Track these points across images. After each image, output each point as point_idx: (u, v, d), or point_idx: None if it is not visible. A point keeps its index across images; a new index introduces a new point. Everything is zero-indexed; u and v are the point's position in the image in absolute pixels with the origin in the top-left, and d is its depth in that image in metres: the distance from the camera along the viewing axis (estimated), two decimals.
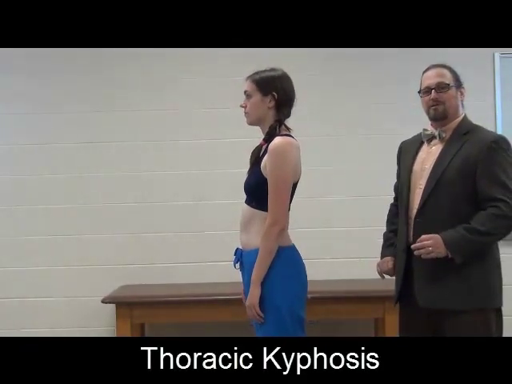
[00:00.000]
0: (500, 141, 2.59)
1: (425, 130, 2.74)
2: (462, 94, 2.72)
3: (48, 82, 4.32)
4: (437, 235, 2.51)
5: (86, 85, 4.32)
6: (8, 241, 4.28)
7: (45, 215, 4.28)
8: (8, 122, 4.32)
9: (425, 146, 2.74)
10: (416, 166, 2.71)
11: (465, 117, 2.72)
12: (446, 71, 2.70)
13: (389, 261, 2.81)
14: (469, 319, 2.52)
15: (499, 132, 4.20)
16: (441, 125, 2.69)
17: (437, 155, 2.64)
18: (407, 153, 2.80)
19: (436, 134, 2.68)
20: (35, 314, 4.22)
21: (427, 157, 2.69)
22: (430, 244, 2.50)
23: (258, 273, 2.50)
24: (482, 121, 2.74)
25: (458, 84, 2.71)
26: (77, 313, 4.22)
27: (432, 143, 2.71)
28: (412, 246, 2.55)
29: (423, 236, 2.52)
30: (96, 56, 4.24)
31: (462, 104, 2.74)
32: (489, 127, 2.73)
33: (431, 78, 2.69)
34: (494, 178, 2.52)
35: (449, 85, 2.67)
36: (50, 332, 4.09)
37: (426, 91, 2.70)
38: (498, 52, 4.25)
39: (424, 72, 2.75)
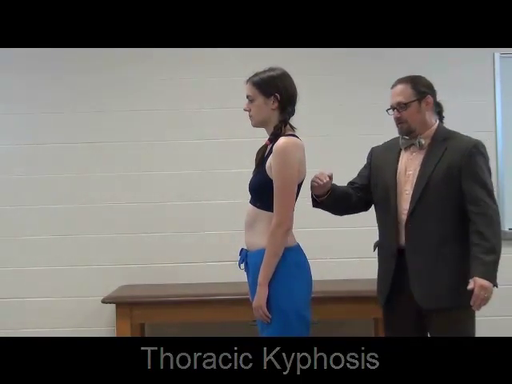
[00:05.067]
0: (479, 146, 2.72)
1: (403, 137, 2.82)
2: (427, 104, 2.77)
3: (48, 81, 4.31)
4: (481, 282, 2.54)
5: (86, 85, 4.31)
6: (8, 241, 4.28)
7: (45, 215, 4.28)
8: (8, 121, 4.32)
9: (405, 153, 2.82)
10: (400, 172, 2.79)
11: (439, 124, 2.82)
12: (405, 87, 2.77)
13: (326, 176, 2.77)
14: (458, 315, 2.64)
15: (499, 132, 4.22)
16: (412, 137, 2.78)
17: (420, 161, 2.75)
18: (385, 158, 2.87)
19: (416, 142, 2.77)
20: (35, 314, 4.22)
21: (409, 163, 2.78)
22: (487, 297, 2.56)
23: (264, 274, 2.49)
24: (482, 121, 2.75)
25: (421, 96, 2.76)
26: (77, 313, 4.22)
27: (411, 149, 2.80)
28: (474, 308, 2.58)
29: (476, 292, 2.54)
30: (96, 56, 4.23)
31: (434, 111, 2.81)
32: (489, 127, 2.74)
33: (392, 98, 2.80)
34: (476, 180, 2.65)
35: (406, 104, 2.74)
36: (50, 332, 4.08)
37: (391, 109, 2.82)
38: (497, 52, 4.25)
39: (391, 88, 2.84)
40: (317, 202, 2.84)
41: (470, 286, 2.55)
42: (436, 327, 2.68)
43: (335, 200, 2.82)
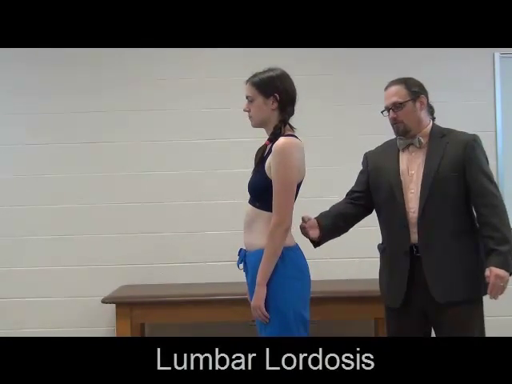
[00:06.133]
0: (477, 139, 2.78)
1: (400, 138, 2.84)
2: (422, 103, 2.81)
3: (48, 82, 4.32)
4: (497, 271, 2.58)
5: (86, 85, 4.32)
6: (8, 241, 4.28)
7: (45, 215, 4.28)
8: (8, 121, 4.32)
9: (403, 153, 2.84)
10: (402, 172, 2.80)
11: (434, 123, 2.85)
12: (399, 88, 2.80)
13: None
14: (470, 309, 2.69)
15: (499, 132, 4.22)
16: (408, 137, 2.81)
17: (421, 160, 2.77)
18: (384, 161, 2.88)
19: (415, 141, 2.79)
20: (35, 314, 4.22)
21: (410, 162, 2.81)
22: (503, 285, 2.61)
23: (263, 273, 2.49)
24: (482, 121, 2.75)
25: (415, 96, 2.79)
26: (77, 313, 4.22)
27: (410, 149, 2.82)
28: (491, 297, 2.63)
29: (492, 281, 2.59)
30: (96, 56, 4.24)
31: (428, 111, 2.85)
32: (489, 127, 2.75)
33: (387, 99, 2.83)
34: (481, 172, 2.71)
35: (402, 103, 2.78)
36: (50, 332, 4.08)
37: (386, 110, 2.84)
38: (497, 52, 4.25)
39: (384, 90, 2.87)
40: (316, 242, 2.86)
41: (486, 274, 2.60)
42: (447, 322, 2.67)
43: (331, 229, 2.87)
